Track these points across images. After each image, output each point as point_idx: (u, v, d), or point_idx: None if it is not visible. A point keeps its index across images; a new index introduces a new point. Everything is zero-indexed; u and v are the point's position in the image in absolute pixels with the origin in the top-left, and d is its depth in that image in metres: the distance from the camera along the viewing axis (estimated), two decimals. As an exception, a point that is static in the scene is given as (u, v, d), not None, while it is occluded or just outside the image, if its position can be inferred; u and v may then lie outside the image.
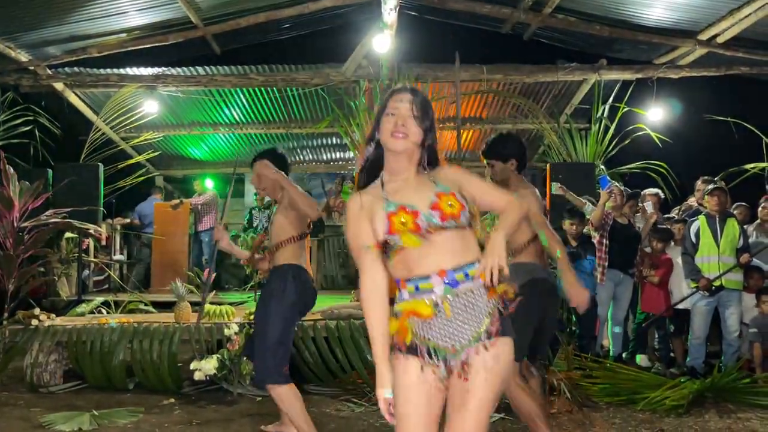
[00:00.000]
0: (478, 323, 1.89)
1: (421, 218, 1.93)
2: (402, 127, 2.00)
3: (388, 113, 2.04)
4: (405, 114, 2.02)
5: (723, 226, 5.47)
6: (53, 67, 8.16)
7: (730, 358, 5.39)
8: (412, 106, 2.03)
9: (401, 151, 2.02)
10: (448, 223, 1.93)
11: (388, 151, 2.05)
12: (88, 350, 4.91)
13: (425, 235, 1.92)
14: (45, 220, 5.48)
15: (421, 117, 2.03)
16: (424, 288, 1.91)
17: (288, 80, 8.42)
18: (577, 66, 8.35)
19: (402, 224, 1.93)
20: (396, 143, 2.01)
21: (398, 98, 2.06)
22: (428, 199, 1.96)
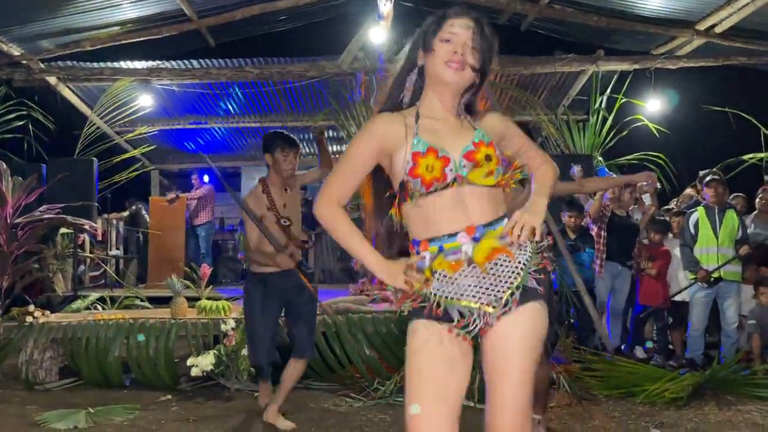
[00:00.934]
0: (512, 279, 1.67)
1: (451, 166, 1.69)
2: (459, 56, 1.72)
3: (444, 38, 1.74)
4: (465, 42, 1.73)
5: (722, 218, 5.44)
6: (46, 61, 8.10)
7: (728, 349, 5.37)
8: (474, 35, 1.73)
9: (452, 84, 1.75)
10: (478, 179, 1.71)
11: (435, 82, 1.77)
12: (83, 347, 4.87)
13: (452, 185, 1.69)
14: (39, 215, 5.43)
15: (482, 49, 1.74)
16: (449, 248, 1.69)
17: (283, 73, 8.37)
18: (575, 57, 8.31)
19: (427, 169, 1.68)
20: (450, 74, 1.72)
21: (459, 22, 1.75)
22: (464, 145, 1.72)
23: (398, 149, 1.73)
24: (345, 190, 1.77)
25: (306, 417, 4.03)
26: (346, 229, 1.75)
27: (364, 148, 1.77)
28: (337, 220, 1.75)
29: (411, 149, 1.70)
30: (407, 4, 8.41)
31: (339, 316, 4.98)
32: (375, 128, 1.78)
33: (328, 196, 1.76)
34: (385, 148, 1.75)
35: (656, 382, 4.40)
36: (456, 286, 1.68)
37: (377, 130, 1.77)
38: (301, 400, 4.44)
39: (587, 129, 7.76)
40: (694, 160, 7.62)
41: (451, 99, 1.79)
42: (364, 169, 1.78)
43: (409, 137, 1.73)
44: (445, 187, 1.69)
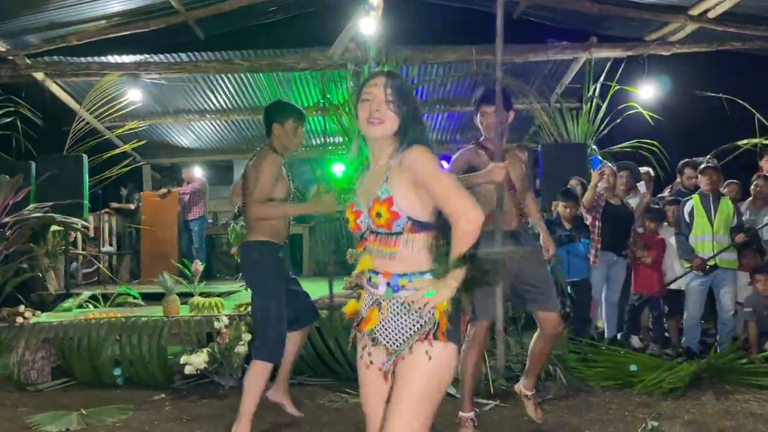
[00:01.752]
0: (411, 332, 1.88)
1: (362, 218, 1.95)
2: (376, 112, 1.90)
3: (363, 99, 1.94)
4: (379, 99, 1.91)
5: (717, 206, 5.42)
6: (32, 56, 7.97)
7: (725, 337, 5.36)
8: (386, 90, 1.90)
9: (376, 137, 1.95)
10: (381, 230, 1.90)
11: (366, 138, 1.99)
12: (75, 347, 4.82)
13: (366, 235, 1.95)
14: (27, 214, 5.36)
15: (396, 102, 1.90)
16: (374, 282, 1.94)
17: (273, 65, 8.26)
18: (567, 45, 8.23)
19: (348, 222, 1.99)
20: (371, 129, 1.92)
21: (372, 83, 1.94)
22: (368, 202, 1.93)
23: None
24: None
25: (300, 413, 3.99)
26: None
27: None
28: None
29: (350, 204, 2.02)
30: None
31: (333, 310, 4.94)
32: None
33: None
34: None
35: (653, 372, 4.39)
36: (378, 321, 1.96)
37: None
38: (296, 396, 4.39)
39: (580, 117, 7.70)
40: (689, 146, 7.58)
41: (380, 149, 1.97)
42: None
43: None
44: (363, 236, 1.97)
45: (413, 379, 1.85)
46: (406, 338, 1.88)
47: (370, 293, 1.97)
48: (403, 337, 1.89)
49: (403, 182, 1.87)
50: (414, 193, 1.87)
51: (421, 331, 1.86)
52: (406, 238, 1.87)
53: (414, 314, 1.87)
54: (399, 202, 1.86)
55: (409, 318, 1.88)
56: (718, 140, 7.35)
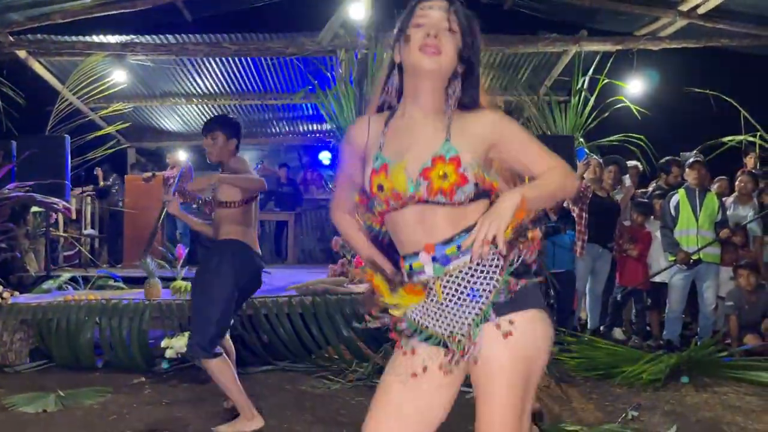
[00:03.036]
0: (479, 303, 1.49)
1: (407, 182, 1.53)
2: (434, 39, 1.53)
3: (417, 23, 1.55)
4: (438, 25, 1.54)
5: (702, 200, 5.45)
6: (15, 34, 7.82)
7: (706, 331, 5.41)
8: (448, 15, 1.55)
9: (430, 71, 1.55)
10: (437, 198, 1.51)
11: (412, 75, 1.58)
12: (54, 328, 4.75)
13: (410, 203, 1.53)
14: (7, 193, 5.26)
15: (460, 31, 1.56)
16: (416, 268, 1.54)
17: (262, 49, 8.18)
18: (558, 37, 8.23)
19: (378, 189, 1.55)
20: (423, 60, 1.53)
21: (429, 4, 1.56)
22: (424, 160, 1.51)
23: (367, 160, 1.62)
24: (344, 196, 1.76)
25: (282, 399, 3.98)
26: (343, 228, 1.79)
27: (347, 157, 1.71)
28: (341, 225, 1.80)
29: (372, 165, 1.58)
30: (389, -19, 8.26)
31: (317, 296, 4.91)
32: (349, 137, 1.70)
33: (333, 205, 1.81)
34: (362, 156, 1.65)
35: (634, 364, 4.41)
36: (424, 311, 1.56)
37: (350, 139, 1.69)
38: (277, 381, 4.39)
39: (569, 110, 7.70)
40: (675, 141, 7.62)
41: (431, 93, 1.59)
42: (355, 174, 1.67)
43: (373, 150, 1.60)
44: (403, 205, 1.54)
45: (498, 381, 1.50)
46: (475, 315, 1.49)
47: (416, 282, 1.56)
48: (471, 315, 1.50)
49: (473, 144, 1.54)
50: (484, 157, 1.56)
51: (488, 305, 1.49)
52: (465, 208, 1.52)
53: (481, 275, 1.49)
54: (467, 164, 1.50)
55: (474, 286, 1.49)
56: (704, 136, 7.37)
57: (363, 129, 1.65)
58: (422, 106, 1.60)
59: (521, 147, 1.58)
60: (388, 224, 1.62)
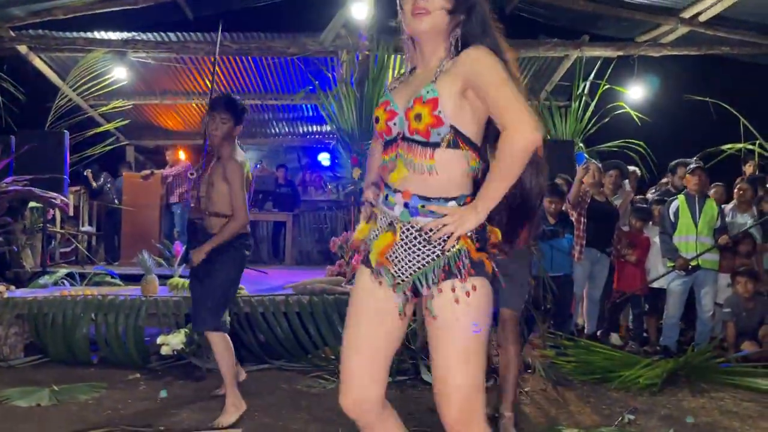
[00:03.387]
0: (424, 261, 1.65)
1: (395, 120, 1.69)
2: (422, 1, 1.63)
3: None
4: None
5: (702, 206, 5.45)
6: (16, 29, 7.81)
7: (703, 337, 5.40)
8: None
9: (423, 32, 1.67)
10: (416, 136, 1.64)
11: (413, 36, 1.73)
12: (50, 323, 4.73)
13: (398, 141, 1.68)
14: (5, 187, 5.24)
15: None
16: (390, 201, 1.70)
17: (263, 49, 8.17)
18: (559, 42, 8.24)
19: (377, 121, 1.73)
20: (415, 23, 1.66)
21: None
22: (408, 101, 1.67)
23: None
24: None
25: (278, 397, 3.96)
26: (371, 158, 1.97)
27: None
28: (371, 153, 1.99)
29: (379, 100, 1.79)
30: (391, -17, 8.26)
31: (314, 296, 4.90)
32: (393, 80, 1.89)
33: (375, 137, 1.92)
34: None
35: (631, 369, 4.40)
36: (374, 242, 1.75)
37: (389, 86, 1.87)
38: (273, 380, 4.37)
39: (569, 115, 7.71)
40: (675, 148, 7.62)
41: (431, 47, 1.72)
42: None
43: (386, 91, 1.80)
44: (394, 140, 1.70)
45: (452, 333, 1.63)
46: (416, 269, 1.65)
47: (385, 214, 1.72)
48: (414, 267, 1.66)
49: (455, 84, 1.62)
50: (464, 98, 1.63)
51: (439, 263, 1.63)
52: (443, 153, 1.63)
53: (431, 245, 1.64)
54: (445, 106, 1.60)
55: (424, 248, 1.64)
56: (704, 143, 7.38)
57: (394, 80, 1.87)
58: (427, 61, 1.74)
59: (494, 93, 1.60)
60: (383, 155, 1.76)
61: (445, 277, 1.64)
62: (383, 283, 1.73)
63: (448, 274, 1.63)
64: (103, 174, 9.19)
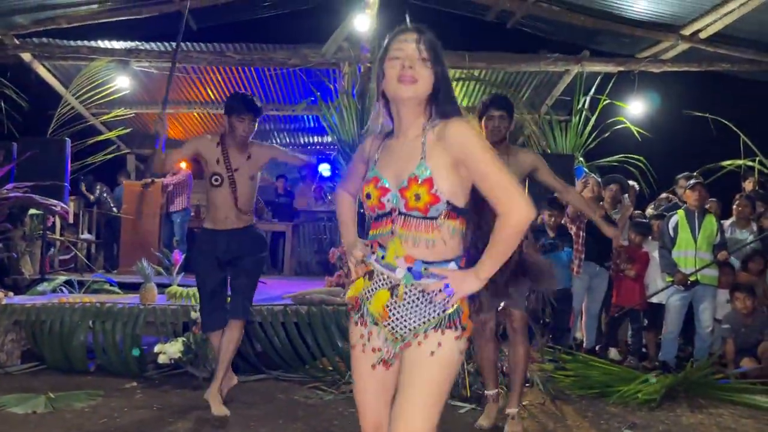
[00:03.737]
0: (426, 319, 1.75)
1: (389, 197, 1.74)
2: (410, 69, 1.70)
3: (393, 57, 1.73)
4: (412, 55, 1.72)
5: (701, 222, 5.45)
6: (21, 37, 7.85)
7: (702, 353, 5.38)
8: (418, 46, 1.72)
9: (408, 99, 1.73)
10: (414, 213, 1.71)
11: (393, 101, 1.77)
12: (47, 330, 4.72)
13: (393, 216, 1.74)
14: (5, 193, 5.24)
15: (431, 59, 1.72)
16: (386, 262, 1.76)
17: (265, 59, 8.21)
18: (560, 56, 8.28)
19: (368, 197, 1.78)
20: (401, 89, 1.71)
21: (402, 38, 1.74)
22: (401, 179, 1.72)
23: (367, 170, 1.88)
24: (349, 183, 2.07)
25: (274, 408, 3.94)
26: (341, 209, 2.09)
27: (356, 158, 2.00)
28: (338, 201, 2.09)
29: (367, 175, 1.83)
30: (394, -5, 8.32)
31: (312, 306, 4.89)
32: (362, 145, 1.96)
33: (341, 184, 2.10)
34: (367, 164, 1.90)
35: (629, 384, 4.39)
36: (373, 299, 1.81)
37: (363, 146, 1.94)
38: (270, 390, 4.36)
39: (570, 129, 7.73)
40: (674, 164, 7.64)
41: (412, 116, 1.78)
42: (359, 174, 1.94)
43: (371, 164, 1.85)
44: (387, 215, 1.76)
45: (427, 370, 1.72)
46: (417, 326, 1.75)
47: (382, 277, 1.78)
48: (415, 324, 1.75)
49: (444, 160, 1.70)
50: (455, 174, 1.71)
51: (437, 320, 1.74)
52: (441, 224, 1.71)
53: (432, 304, 1.74)
54: (440, 184, 1.69)
55: (426, 307, 1.74)
56: (704, 159, 7.41)
57: (367, 146, 1.92)
58: (405, 128, 1.80)
59: (485, 170, 1.69)
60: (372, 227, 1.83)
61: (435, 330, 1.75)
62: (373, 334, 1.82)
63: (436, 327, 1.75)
64: (98, 185, 9.17)
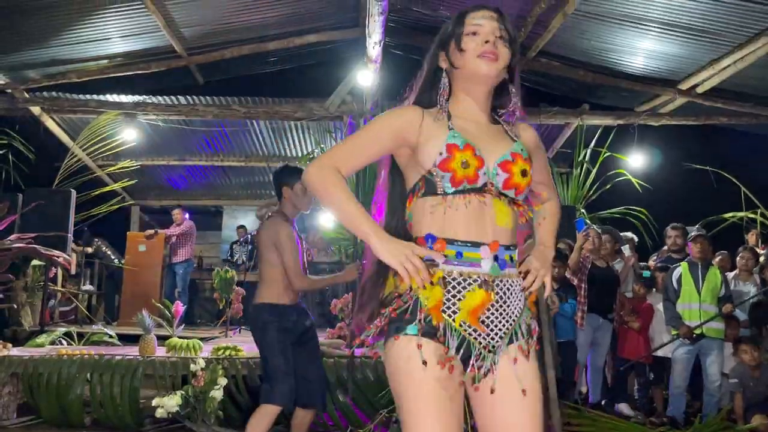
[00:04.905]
0: (517, 316, 1.57)
1: (485, 170, 1.56)
2: (492, 46, 1.58)
3: (471, 32, 1.60)
4: (494, 33, 1.60)
5: (705, 274, 5.41)
6: (31, 91, 8.03)
7: (710, 408, 5.26)
8: (499, 24, 1.61)
9: (488, 77, 1.61)
10: (509, 191, 1.58)
11: (467, 80, 1.64)
12: (44, 383, 4.64)
13: (481, 192, 1.55)
14: (8, 244, 5.26)
15: (509, 40, 1.62)
16: (469, 257, 1.52)
17: (270, 113, 8.37)
18: (560, 110, 8.42)
19: (462, 165, 1.52)
20: (482, 65, 1.58)
21: (481, 15, 1.62)
22: (501, 153, 1.59)
23: (427, 140, 1.57)
24: (349, 160, 1.61)
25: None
26: (341, 193, 1.55)
27: (385, 127, 1.62)
28: (331, 182, 1.55)
29: (447, 140, 1.55)
30: (396, 52, 8.53)
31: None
32: (403, 112, 1.63)
33: (326, 159, 1.60)
34: (408, 137, 1.60)
35: (637, 440, 4.28)
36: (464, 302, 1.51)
37: (405, 114, 1.62)
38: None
39: (571, 181, 7.80)
40: (676, 216, 7.64)
41: (485, 98, 1.67)
42: (377, 149, 1.63)
43: (442, 128, 1.59)
44: (472, 191, 1.55)
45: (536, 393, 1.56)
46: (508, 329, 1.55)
47: (462, 274, 1.52)
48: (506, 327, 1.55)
49: (526, 147, 1.68)
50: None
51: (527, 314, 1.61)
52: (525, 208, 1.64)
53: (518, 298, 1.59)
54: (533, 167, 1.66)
55: (515, 302, 1.58)
56: (705, 211, 7.43)
57: (416, 116, 1.61)
58: (477, 108, 1.67)
59: (542, 169, 1.81)
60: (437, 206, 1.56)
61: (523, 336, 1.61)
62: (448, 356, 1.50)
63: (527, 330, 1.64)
64: (94, 240, 9.17)
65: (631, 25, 6.64)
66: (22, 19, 6.50)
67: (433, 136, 1.57)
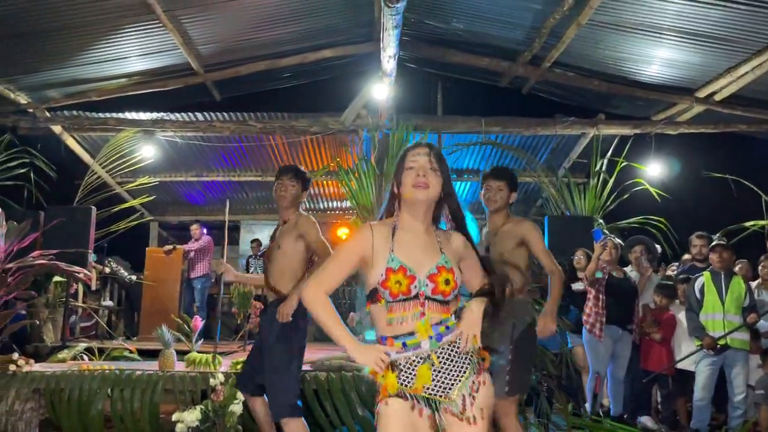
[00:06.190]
0: (464, 370, 2.04)
1: (416, 284, 2.03)
2: (423, 177, 2.09)
3: (408, 167, 2.12)
4: (425, 166, 2.11)
5: (728, 284, 5.32)
6: (52, 110, 8.18)
7: (736, 421, 5.16)
8: (430, 158, 2.12)
9: (422, 201, 2.11)
10: (438, 297, 2.05)
11: (408, 203, 2.13)
12: (66, 398, 4.68)
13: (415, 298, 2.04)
14: (31, 261, 5.33)
15: (439, 169, 2.12)
16: (411, 344, 2.03)
17: (286, 128, 8.44)
18: (576, 120, 8.39)
19: (397, 284, 2.02)
20: (417, 193, 2.09)
21: (416, 152, 2.16)
22: (429, 267, 2.06)
23: (375, 263, 2.06)
24: (331, 282, 2.14)
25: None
26: (326, 313, 2.08)
27: (350, 252, 2.14)
28: (320, 304, 2.09)
29: (387, 264, 2.04)
30: (411, 66, 8.57)
31: (331, 373, 4.82)
32: (360, 237, 2.13)
33: (316, 283, 2.13)
34: (365, 255, 2.09)
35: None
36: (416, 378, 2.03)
37: (361, 239, 2.12)
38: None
39: (588, 191, 7.75)
40: (695, 224, 7.55)
41: (423, 214, 2.15)
42: (348, 268, 2.14)
43: (385, 250, 2.07)
44: (407, 299, 2.03)
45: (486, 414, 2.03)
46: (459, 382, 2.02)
47: (408, 359, 2.03)
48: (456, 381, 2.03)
49: (455, 258, 2.13)
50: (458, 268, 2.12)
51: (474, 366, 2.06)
52: (452, 306, 2.10)
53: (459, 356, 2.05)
54: (457, 274, 2.09)
55: (460, 359, 2.05)
56: (725, 220, 7.34)
57: (368, 238, 2.11)
58: (415, 222, 2.15)
59: (472, 268, 2.20)
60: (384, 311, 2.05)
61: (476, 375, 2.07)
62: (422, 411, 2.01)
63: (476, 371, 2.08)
64: (108, 260, 9.23)
65: (646, 33, 6.61)
66: (43, 40, 6.64)
67: (378, 260, 2.07)
